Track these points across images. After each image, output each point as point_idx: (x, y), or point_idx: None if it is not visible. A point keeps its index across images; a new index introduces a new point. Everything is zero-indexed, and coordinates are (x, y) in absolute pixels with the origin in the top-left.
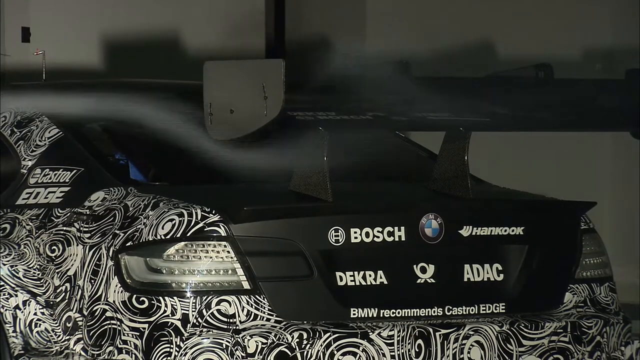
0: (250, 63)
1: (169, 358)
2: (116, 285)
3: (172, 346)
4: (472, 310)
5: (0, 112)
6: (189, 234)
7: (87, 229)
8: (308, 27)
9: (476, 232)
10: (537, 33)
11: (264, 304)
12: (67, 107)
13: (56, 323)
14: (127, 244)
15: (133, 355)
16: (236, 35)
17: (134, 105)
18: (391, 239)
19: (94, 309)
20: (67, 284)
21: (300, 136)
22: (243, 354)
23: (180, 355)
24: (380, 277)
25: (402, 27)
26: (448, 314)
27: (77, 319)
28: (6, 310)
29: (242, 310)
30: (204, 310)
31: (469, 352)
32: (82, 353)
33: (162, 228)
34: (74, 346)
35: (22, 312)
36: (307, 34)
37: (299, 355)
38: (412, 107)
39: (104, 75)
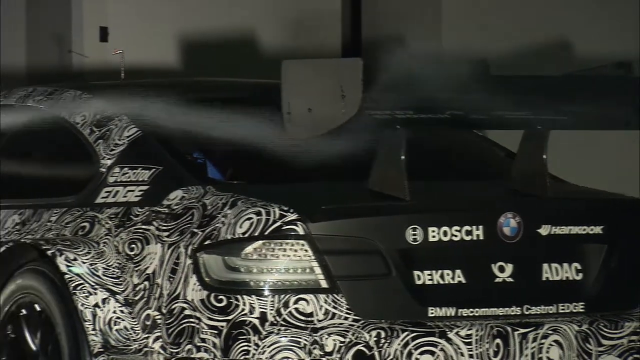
0: (328, 62)
1: (247, 356)
2: (194, 284)
3: (250, 344)
4: (551, 309)
5: (80, 111)
6: (266, 233)
7: (165, 228)
8: (384, 25)
9: (555, 231)
10: (614, 31)
11: (342, 302)
12: (146, 106)
13: (135, 321)
14: (206, 243)
15: (211, 354)
16: (312, 34)
17: (211, 104)
18: (469, 237)
19: (173, 307)
20: (146, 282)
21: (378, 135)
22: (321, 353)
23: (259, 354)
24: (458, 276)
25: (479, 25)
26: (526, 313)
27: (156, 317)
28: (86, 308)
29: (320, 309)
30: (281, 309)
31: (547, 352)
32: (161, 351)
33: (240, 227)
34: (152, 344)
35: (101, 310)
36: (383, 33)
37: (376, 354)
38: (490, 106)
39: (181, 74)
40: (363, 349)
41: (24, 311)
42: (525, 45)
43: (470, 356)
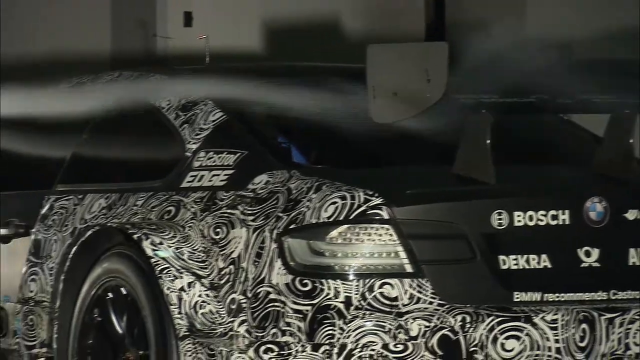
0: (414, 46)
1: (332, 340)
2: (279, 268)
3: (335, 328)
4: (638, 294)
5: (165, 96)
6: (351, 217)
7: (250, 212)
8: (467, 9)
9: None
10: None
11: (427, 287)
12: (231, 90)
13: (220, 305)
14: (290, 227)
15: (296, 337)
16: (395, 18)
17: (295, 89)
18: (555, 222)
19: (258, 291)
20: (231, 266)
21: (463, 119)
22: (406, 337)
23: (343, 338)
24: (544, 261)
25: (564, 7)
26: (613, 298)
27: (241, 301)
28: (171, 291)
29: (405, 293)
30: (366, 293)
31: (634, 337)
32: (246, 335)
33: (325, 211)
34: (238, 328)
35: (187, 293)
36: (467, 16)
37: (461, 338)
38: (576, 89)
39: (265, 58)
40: (448, 333)
41: (110, 294)
42: (613, 26)
43: (556, 341)
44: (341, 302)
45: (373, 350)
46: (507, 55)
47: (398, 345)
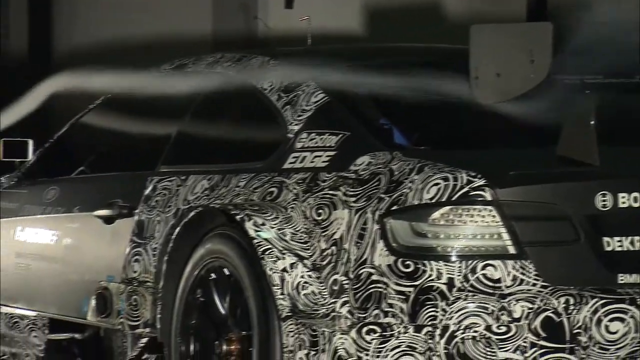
0: (517, 26)
1: (434, 322)
2: (382, 249)
3: (437, 310)
4: None
5: (267, 77)
6: (454, 199)
7: (352, 193)
8: None
9: None
10: None
11: (530, 268)
12: (333, 72)
13: (323, 286)
14: (393, 208)
15: (399, 319)
16: None
17: (397, 70)
18: None
19: (360, 272)
20: (334, 247)
21: (567, 100)
22: (509, 319)
23: (446, 319)
24: None
25: None
26: None
27: (344, 282)
28: (274, 272)
29: (508, 275)
30: (469, 275)
31: None
32: (348, 316)
33: (428, 192)
34: (340, 309)
35: (289, 274)
36: None
37: (565, 320)
38: None
39: (366, 40)
40: (552, 315)
41: (213, 275)
42: None
43: None
44: (443, 283)
45: (476, 332)
46: (611, 36)
47: (501, 327)
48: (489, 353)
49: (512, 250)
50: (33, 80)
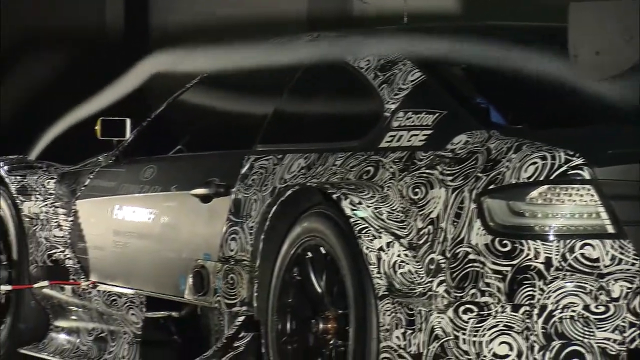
0: (617, 4)
1: (532, 301)
2: (479, 228)
3: (535, 289)
4: None
5: (364, 56)
6: (552, 177)
7: (449, 172)
8: None
9: None
10: None
11: (629, 248)
12: (428, 50)
13: (419, 265)
14: (490, 187)
15: (496, 298)
16: None
17: (494, 48)
18: None
19: (457, 251)
20: (430, 226)
21: None
22: (607, 299)
23: (544, 299)
24: None
25: None
26: None
27: (440, 261)
28: (370, 251)
29: (606, 255)
30: (567, 254)
31: None
32: (445, 295)
33: (525, 171)
34: (436, 288)
35: (385, 253)
36: None
37: None
38: None
39: (461, 18)
40: None
41: (309, 254)
42: None
43: None
44: (541, 262)
45: (574, 311)
46: None
47: (599, 307)
48: (587, 333)
49: (610, 229)
50: (130, 60)
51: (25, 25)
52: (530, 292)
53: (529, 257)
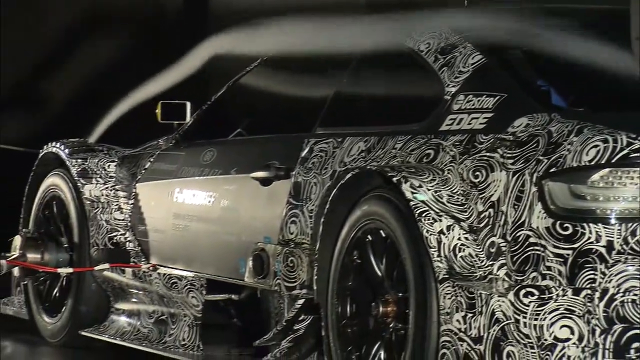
0: None
1: (593, 285)
2: (540, 212)
3: (596, 273)
4: None
5: (424, 39)
6: (614, 161)
7: (510, 155)
8: None
9: None
10: None
11: None
12: (490, 33)
13: (480, 248)
14: (551, 170)
15: (557, 281)
16: None
17: (554, 31)
18: None
19: (518, 234)
20: (491, 210)
21: None
22: None
23: (605, 282)
24: None
25: None
26: None
27: (501, 245)
28: (431, 234)
29: None
30: (629, 237)
31: None
32: (506, 278)
33: (587, 154)
34: (497, 271)
35: (446, 237)
36: None
37: None
38: None
39: (524, 1)
40: None
41: (369, 237)
42: None
43: None
44: (603, 246)
45: (636, 295)
46: None
47: None
48: None
49: None
50: (189, 41)
51: (82, 7)
52: (592, 276)
53: (590, 241)
